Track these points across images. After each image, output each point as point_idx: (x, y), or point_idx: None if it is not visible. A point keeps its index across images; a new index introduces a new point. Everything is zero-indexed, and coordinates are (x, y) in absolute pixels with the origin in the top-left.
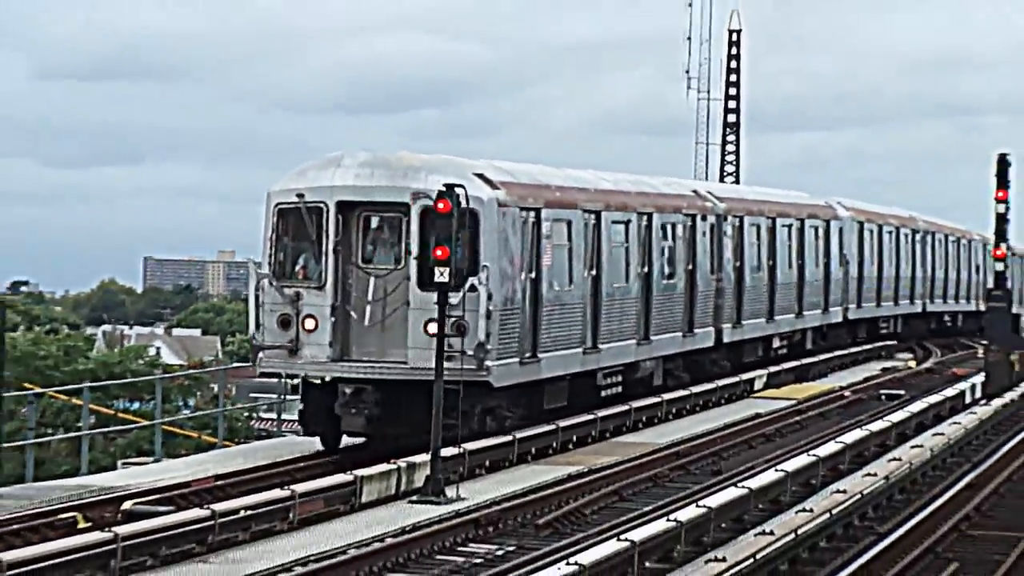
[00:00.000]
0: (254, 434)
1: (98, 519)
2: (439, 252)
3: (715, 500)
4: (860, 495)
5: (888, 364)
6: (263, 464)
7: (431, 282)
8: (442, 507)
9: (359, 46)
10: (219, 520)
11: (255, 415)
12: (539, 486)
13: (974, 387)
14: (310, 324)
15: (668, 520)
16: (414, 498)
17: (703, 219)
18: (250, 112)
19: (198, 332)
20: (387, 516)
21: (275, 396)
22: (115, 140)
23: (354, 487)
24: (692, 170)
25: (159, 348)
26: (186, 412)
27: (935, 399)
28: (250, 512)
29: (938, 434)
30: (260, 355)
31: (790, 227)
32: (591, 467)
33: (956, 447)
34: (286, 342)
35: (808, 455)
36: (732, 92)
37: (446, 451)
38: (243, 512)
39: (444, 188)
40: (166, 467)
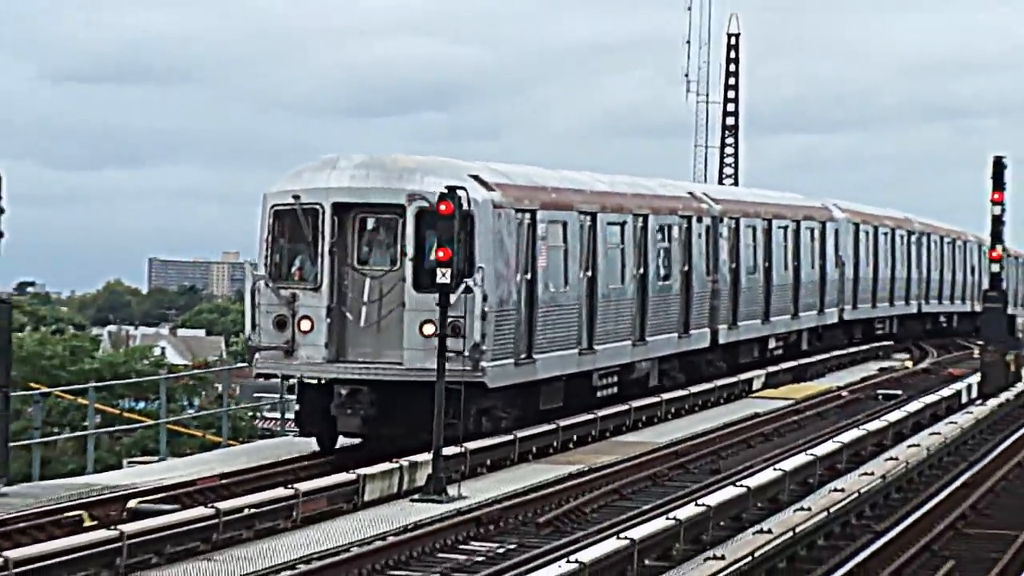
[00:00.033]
0: (258, 433)
1: (103, 517)
2: (441, 254)
3: (714, 499)
4: (857, 494)
5: (885, 364)
6: (267, 463)
7: (427, 283)
8: (444, 505)
9: (360, 48)
10: (223, 518)
11: (259, 414)
12: (540, 485)
13: (970, 387)
14: (306, 325)
15: (667, 518)
16: (416, 497)
17: (699, 221)
18: (252, 114)
19: (202, 332)
20: (389, 514)
21: (278, 396)
22: (118, 142)
23: (357, 486)
24: (691, 172)
25: (164, 348)
26: (190, 412)
27: (932, 399)
28: (254, 510)
29: (935, 433)
30: (256, 356)
31: (786, 229)
32: (591, 466)
33: (952, 446)
34: (282, 343)
35: (806, 454)
36: (731, 95)
37: (448, 450)
38: (247, 511)
39: (446, 190)
40: (171, 466)
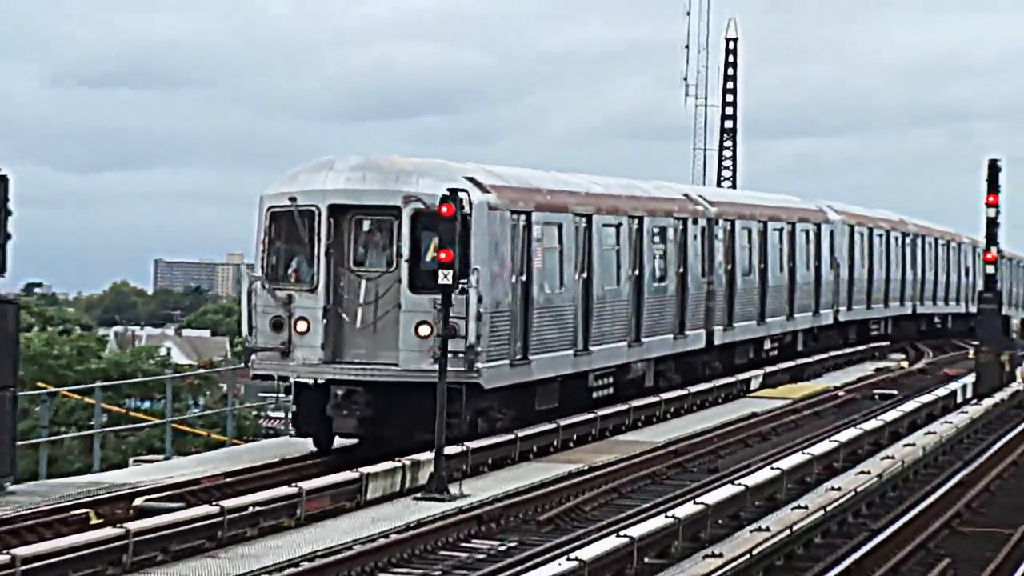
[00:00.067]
0: (262, 432)
1: (110, 515)
2: (443, 255)
3: (712, 497)
4: (854, 492)
5: (881, 364)
6: (271, 462)
7: (423, 285)
8: (446, 504)
9: (361, 52)
10: (228, 516)
11: (263, 414)
12: (540, 483)
13: (965, 387)
14: (302, 326)
15: (666, 517)
16: (418, 495)
17: (694, 222)
18: (254, 116)
19: (207, 333)
20: (392, 512)
21: (282, 395)
22: (126, 145)
23: (360, 484)
24: (690, 175)
25: (169, 348)
26: (196, 411)
27: (927, 399)
28: (258, 509)
29: (930, 433)
30: (253, 357)
31: (781, 230)
32: (591, 465)
33: (948, 446)
34: (278, 344)
35: (803, 453)
36: (729, 99)
37: (449, 449)
38: (251, 509)
39: (447, 192)
40: (176, 464)
